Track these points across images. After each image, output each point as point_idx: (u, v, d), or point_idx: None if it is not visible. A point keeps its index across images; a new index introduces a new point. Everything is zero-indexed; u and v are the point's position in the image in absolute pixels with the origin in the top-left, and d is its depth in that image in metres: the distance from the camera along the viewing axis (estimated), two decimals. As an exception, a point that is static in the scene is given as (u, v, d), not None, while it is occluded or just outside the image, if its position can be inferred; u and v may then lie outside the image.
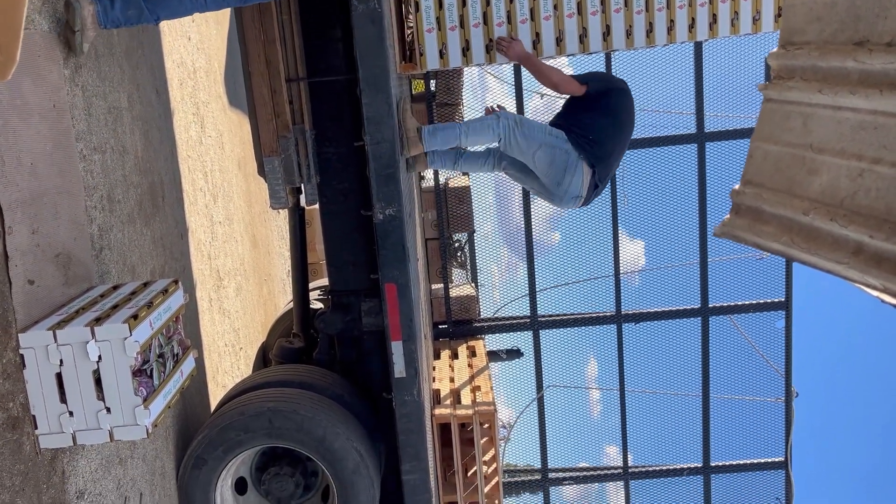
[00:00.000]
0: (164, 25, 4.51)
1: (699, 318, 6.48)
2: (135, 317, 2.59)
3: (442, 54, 4.46)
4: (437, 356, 6.20)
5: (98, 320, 2.56)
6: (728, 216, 2.11)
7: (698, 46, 6.00)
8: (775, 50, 1.96)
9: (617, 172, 6.24)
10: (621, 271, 6.47)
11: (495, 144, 4.20)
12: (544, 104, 6.93)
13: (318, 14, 3.96)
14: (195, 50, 5.17)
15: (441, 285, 6.62)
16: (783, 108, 1.90)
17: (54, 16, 2.94)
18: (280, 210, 5.76)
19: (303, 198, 4.24)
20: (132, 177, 3.62)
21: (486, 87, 7.91)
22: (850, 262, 1.64)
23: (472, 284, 6.92)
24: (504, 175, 4.56)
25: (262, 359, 5.52)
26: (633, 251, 6.96)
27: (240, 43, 3.85)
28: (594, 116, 4.17)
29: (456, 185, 6.72)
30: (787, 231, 1.84)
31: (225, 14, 6.10)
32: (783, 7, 1.88)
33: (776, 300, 6.49)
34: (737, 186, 2.09)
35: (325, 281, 5.40)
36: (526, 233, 6.46)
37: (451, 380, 5.56)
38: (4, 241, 2.50)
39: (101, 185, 3.25)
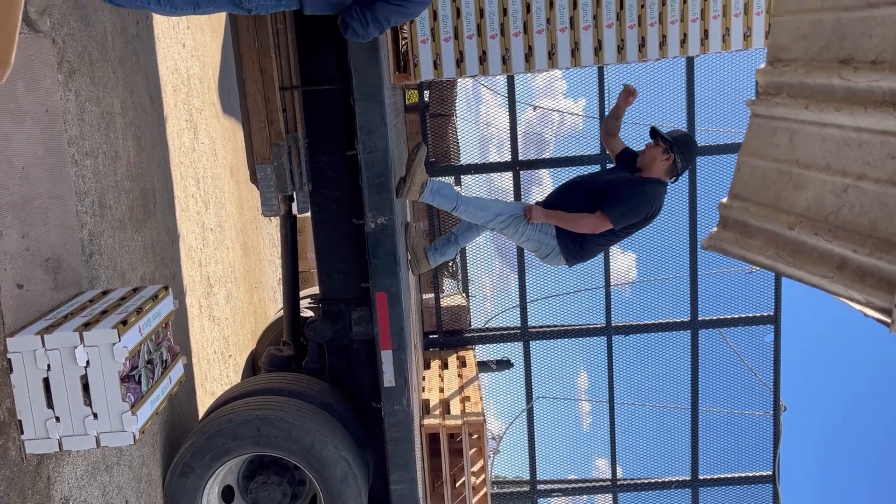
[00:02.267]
0: (159, 31, 4.52)
1: (689, 332, 6.51)
2: (124, 322, 2.58)
3: (436, 65, 4.49)
4: (426, 366, 6.19)
5: (87, 325, 2.55)
6: (715, 229, 2.13)
7: (690, 61, 6.05)
8: (762, 66, 1.98)
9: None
10: (612, 283, 6.50)
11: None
12: (537, 116, 6.97)
13: (313, 23, 3.98)
14: (189, 56, 5.18)
15: (432, 295, 6.62)
16: (770, 124, 1.92)
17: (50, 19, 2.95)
18: (272, 218, 5.76)
19: (294, 206, 4.24)
20: (124, 182, 3.62)
21: (479, 98, 7.95)
22: (835, 276, 1.66)
23: (463, 294, 6.93)
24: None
25: (252, 367, 5.51)
26: (624, 263, 6.99)
27: (234, 51, 3.86)
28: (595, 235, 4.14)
29: (448, 196, 6.73)
30: (773, 245, 1.86)
31: (220, 21, 6.12)
32: (771, 24, 1.91)
33: (765, 314, 6.52)
34: (724, 200, 2.11)
35: (315, 289, 5.39)
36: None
37: (441, 390, 5.55)
38: (-6, 245, 2.49)
39: (92, 190, 3.25)
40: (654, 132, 4.24)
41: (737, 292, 6.58)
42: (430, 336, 6.64)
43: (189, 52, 5.16)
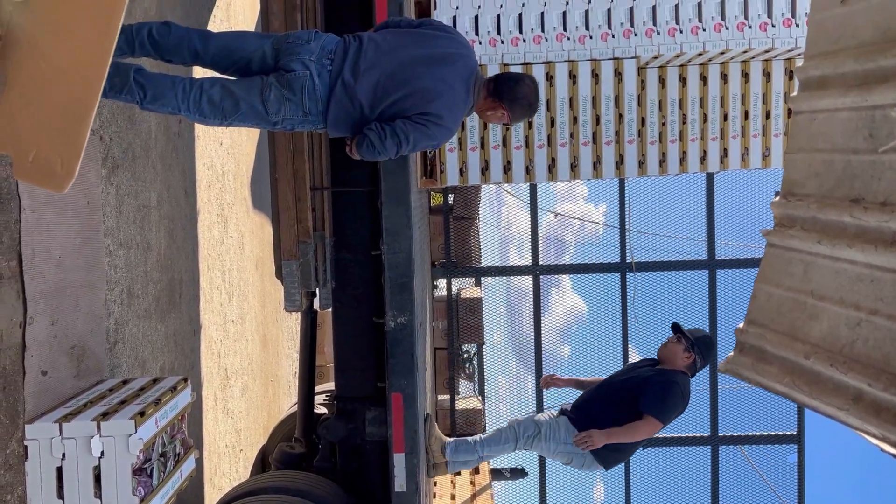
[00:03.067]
0: (200, 130, 4.74)
1: (709, 447, 6.34)
2: (141, 413, 2.60)
3: (462, 172, 4.65)
4: (438, 470, 6.05)
5: (105, 415, 2.57)
6: (732, 353, 2.15)
7: (710, 176, 6.18)
8: (777, 199, 2.05)
9: (628, 293, 6.30)
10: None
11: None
12: (558, 223, 7.10)
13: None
14: (226, 154, 5.40)
15: (447, 396, 6.56)
16: (785, 255, 1.98)
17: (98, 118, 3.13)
18: (293, 312, 5.81)
19: (317, 301, 4.30)
20: (153, 273, 3.72)
21: (502, 202, 8.13)
22: (851, 409, 1.65)
23: (479, 397, 6.85)
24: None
25: (262, 462, 5.43)
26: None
27: (269, 151, 4.03)
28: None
29: (468, 297, 6.79)
30: (789, 373, 1.87)
31: (257, 121, 6.40)
32: (784, 160, 2.00)
33: (788, 433, 6.35)
34: (741, 325, 2.14)
35: (331, 385, 5.37)
36: (536, 347, 6.45)
37: (453, 497, 5.41)
38: (24, 332, 2.56)
39: (122, 280, 3.34)
40: (677, 328, 4.45)
41: (758, 409, 6.44)
42: (444, 439, 6.52)
43: (226, 149, 5.38)
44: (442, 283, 6.72)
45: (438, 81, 2.88)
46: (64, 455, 2.49)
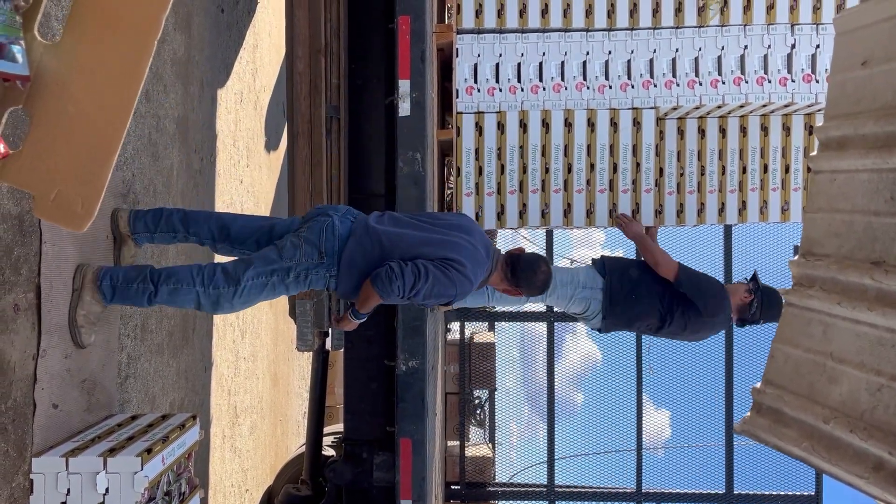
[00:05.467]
0: (221, 168, 4.81)
1: (723, 505, 6.18)
2: (148, 450, 2.58)
3: (477, 216, 4.65)
4: (446, 518, 5.94)
5: (112, 451, 2.56)
6: (749, 414, 2.11)
7: (728, 228, 6.14)
8: (796, 258, 2.03)
9: (643, 342, 6.22)
10: (645, 444, 6.28)
11: None
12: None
13: (363, 171, 4.21)
14: (245, 192, 5.46)
15: (457, 443, 6.47)
16: (804, 315, 1.95)
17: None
18: (305, 352, 5.79)
19: (329, 341, 4.29)
20: (168, 308, 3.73)
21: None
22: (871, 477, 1.60)
23: (489, 445, 6.75)
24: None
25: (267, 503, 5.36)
26: (658, 421, 6.79)
27: (288, 191, 4.07)
28: (651, 297, 4.23)
29: (481, 341, 6.74)
30: (808, 437, 1.82)
31: (277, 162, 6.48)
32: (803, 218, 1.99)
33: (806, 493, 6.18)
34: (758, 385, 2.10)
35: (340, 426, 5.32)
36: (548, 394, 6.36)
37: (459, 545, 5.30)
38: (36, 364, 2.56)
39: (137, 314, 3.35)
40: (754, 276, 4.39)
41: (775, 466, 6.29)
42: (453, 487, 6.42)
43: (245, 188, 5.45)
44: (455, 326, 6.68)
45: (462, 239, 3.00)
46: (69, 491, 2.47)
